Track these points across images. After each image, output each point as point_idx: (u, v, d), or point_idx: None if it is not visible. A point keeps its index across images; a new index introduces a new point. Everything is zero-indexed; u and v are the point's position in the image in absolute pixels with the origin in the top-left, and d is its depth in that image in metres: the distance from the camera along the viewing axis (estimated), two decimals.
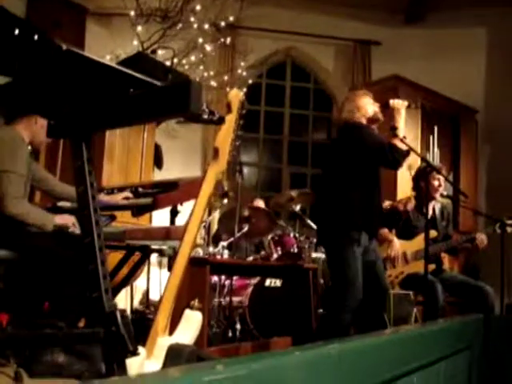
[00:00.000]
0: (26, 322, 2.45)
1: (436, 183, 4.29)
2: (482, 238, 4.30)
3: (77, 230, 2.89)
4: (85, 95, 1.29)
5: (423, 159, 3.73)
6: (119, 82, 1.25)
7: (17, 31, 1.04)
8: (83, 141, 1.35)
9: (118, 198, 3.30)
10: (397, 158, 3.37)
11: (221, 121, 1.46)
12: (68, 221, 2.90)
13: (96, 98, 1.30)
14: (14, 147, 2.96)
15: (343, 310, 3.29)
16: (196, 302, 1.74)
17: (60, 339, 1.41)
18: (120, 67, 1.24)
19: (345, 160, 3.50)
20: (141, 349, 1.50)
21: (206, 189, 1.66)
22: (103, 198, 3.32)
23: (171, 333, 1.68)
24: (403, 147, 3.48)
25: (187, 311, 1.73)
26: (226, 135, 1.65)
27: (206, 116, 1.36)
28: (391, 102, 3.61)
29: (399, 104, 3.59)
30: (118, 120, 1.32)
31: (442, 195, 4.44)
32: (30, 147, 3.14)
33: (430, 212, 4.33)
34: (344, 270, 3.33)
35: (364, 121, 3.57)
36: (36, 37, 1.11)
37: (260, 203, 5.84)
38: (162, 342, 1.62)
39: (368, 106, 3.61)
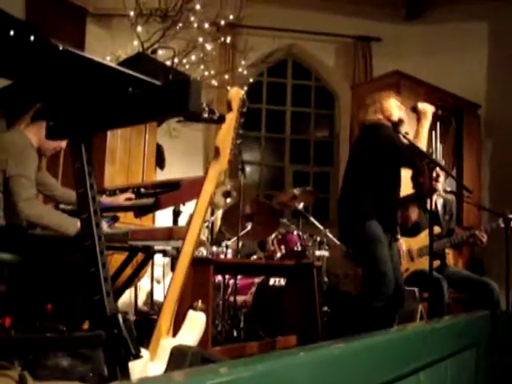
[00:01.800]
0: (29, 326, 2.44)
1: (434, 174, 4.27)
2: (481, 234, 4.29)
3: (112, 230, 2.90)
4: (83, 96, 1.28)
5: (425, 155, 3.70)
6: (118, 81, 1.24)
7: (12, 32, 1.03)
8: (83, 142, 1.33)
9: (121, 200, 3.30)
10: (412, 158, 3.37)
11: (221, 120, 1.45)
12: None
13: (95, 98, 1.28)
14: (25, 152, 2.96)
15: (377, 298, 3.29)
16: (199, 303, 1.72)
17: (62, 343, 1.40)
18: (118, 67, 1.23)
19: (364, 158, 3.50)
20: (144, 351, 1.49)
21: (208, 188, 1.65)
22: (105, 199, 3.32)
23: (175, 334, 1.67)
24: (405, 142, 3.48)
25: (190, 312, 1.72)
26: (226, 134, 1.64)
27: (206, 115, 1.35)
28: (420, 105, 3.59)
29: (426, 108, 3.57)
30: (118, 120, 1.31)
31: (445, 191, 4.42)
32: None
33: (432, 207, 4.32)
34: (374, 256, 3.33)
35: (388, 123, 3.56)
36: (32, 37, 1.09)
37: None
38: (166, 344, 1.61)
39: (393, 110, 3.59)
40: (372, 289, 3.35)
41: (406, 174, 4.60)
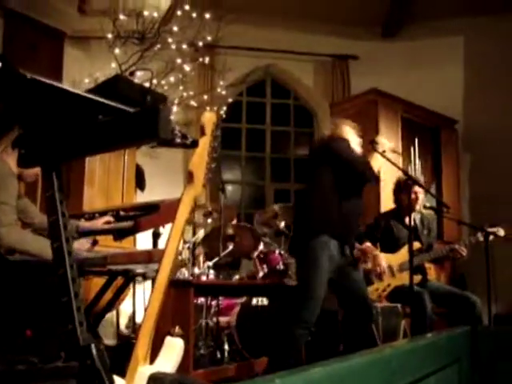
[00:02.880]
0: (1, 358, 2.40)
1: (413, 196, 4.30)
2: (461, 249, 4.32)
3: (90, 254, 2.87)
4: (53, 123, 1.27)
5: (404, 172, 3.74)
6: (88, 109, 1.24)
7: None
8: (53, 170, 1.32)
9: (99, 223, 3.27)
10: (369, 171, 3.37)
11: (194, 144, 1.45)
12: (82, 245, 2.86)
13: (64, 126, 1.27)
14: (6, 180, 2.93)
15: (297, 325, 3.17)
16: (177, 329, 1.71)
17: (35, 375, 1.37)
18: (88, 94, 1.22)
19: (319, 169, 3.51)
20: (119, 380, 1.46)
21: (182, 214, 1.64)
22: (84, 224, 3.28)
23: (152, 361, 1.65)
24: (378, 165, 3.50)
25: (168, 338, 1.70)
26: (200, 158, 1.63)
27: (178, 140, 1.34)
28: (377, 139, 3.64)
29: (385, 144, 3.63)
30: (88, 148, 1.30)
31: (425, 206, 4.45)
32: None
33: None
34: (307, 278, 3.24)
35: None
36: (0, 65, 1.09)
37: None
38: (143, 371, 1.58)
39: (351, 137, 3.63)
40: (294, 310, 3.25)
41: (388, 188, 4.65)
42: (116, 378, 1.41)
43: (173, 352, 1.68)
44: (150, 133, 1.17)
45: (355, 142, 3.63)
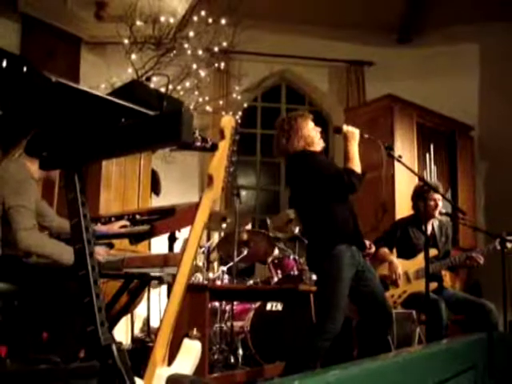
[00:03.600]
0: (23, 357, 2.42)
1: (432, 203, 4.29)
2: (478, 257, 4.29)
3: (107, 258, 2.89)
4: (76, 126, 1.29)
5: (421, 178, 3.73)
6: (110, 112, 1.25)
7: (4, 63, 1.04)
8: (76, 172, 1.34)
9: (116, 227, 3.29)
10: (353, 181, 3.29)
11: (214, 148, 1.46)
12: (97, 253, 2.86)
13: (87, 128, 1.29)
14: (25, 183, 2.95)
15: (321, 337, 3.13)
16: (195, 331, 1.72)
17: (56, 375, 1.39)
18: (111, 97, 1.24)
19: (305, 187, 3.41)
20: (139, 381, 1.48)
21: (201, 216, 1.65)
22: (101, 228, 3.31)
23: (170, 363, 1.66)
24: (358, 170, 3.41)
25: (186, 340, 1.71)
26: (219, 162, 1.65)
27: (198, 143, 1.36)
28: (345, 127, 3.49)
29: (354, 130, 3.44)
30: (110, 151, 1.32)
31: (440, 213, 4.44)
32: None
33: (430, 229, 4.33)
34: (331, 292, 3.20)
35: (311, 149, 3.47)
36: (25, 69, 1.11)
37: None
38: (161, 373, 1.59)
39: (312, 133, 3.48)
40: (319, 322, 3.24)
41: (405, 194, 4.62)
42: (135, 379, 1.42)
43: (190, 354, 1.69)
44: (172, 135, 1.19)
45: (314, 131, 3.50)
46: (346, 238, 3.29)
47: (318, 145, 3.49)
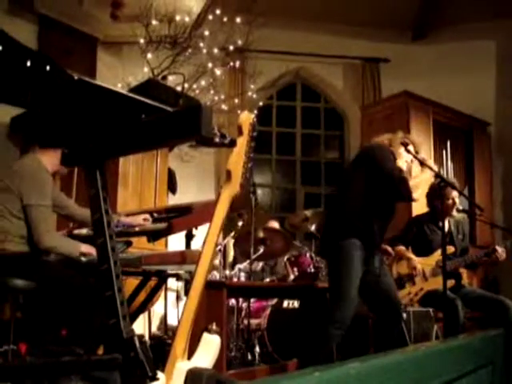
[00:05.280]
0: (45, 351, 2.45)
1: (450, 202, 4.27)
2: (501, 250, 4.26)
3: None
4: (97, 123, 1.31)
5: (437, 175, 3.70)
6: (131, 108, 1.27)
7: (29, 63, 1.06)
8: (97, 168, 1.36)
9: (139, 219, 3.33)
10: (401, 190, 3.30)
11: (232, 144, 1.47)
12: (93, 250, 2.91)
13: (108, 125, 1.31)
14: (41, 178, 3.00)
15: (331, 325, 3.14)
16: (214, 326, 1.73)
17: (79, 366, 1.41)
18: (131, 94, 1.26)
19: (357, 173, 3.46)
20: (160, 374, 1.50)
21: (220, 212, 1.67)
22: (125, 219, 3.34)
23: (190, 357, 1.68)
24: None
25: (205, 335, 1.72)
26: (238, 158, 1.66)
27: (217, 139, 1.37)
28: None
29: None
30: (131, 146, 1.34)
31: (457, 210, 4.41)
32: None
33: (446, 227, 4.31)
34: (340, 278, 3.23)
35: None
36: (48, 67, 1.13)
37: (275, 224, 5.84)
38: (181, 366, 1.61)
39: (404, 156, 3.54)
40: (328, 310, 3.27)
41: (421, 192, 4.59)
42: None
43: (210, 348, 1.70)
44: (192, 130, 1.21)
45: (404, 159, 3.54)
46: (360, 237, 3.30)
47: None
